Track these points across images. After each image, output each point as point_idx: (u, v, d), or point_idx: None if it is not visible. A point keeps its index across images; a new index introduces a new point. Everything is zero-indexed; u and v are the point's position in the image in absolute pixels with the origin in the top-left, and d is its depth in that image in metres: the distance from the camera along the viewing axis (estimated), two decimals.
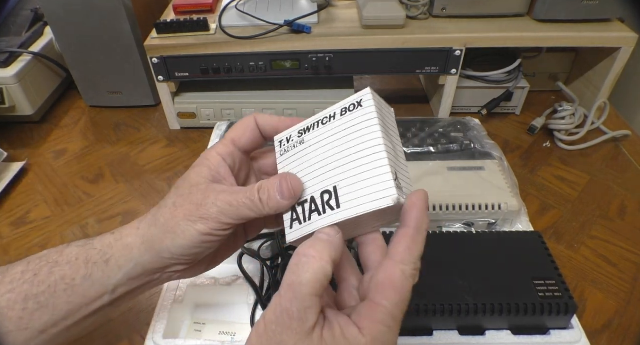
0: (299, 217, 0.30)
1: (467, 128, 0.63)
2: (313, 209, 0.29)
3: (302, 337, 0.24)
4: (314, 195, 0.29)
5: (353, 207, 0.27)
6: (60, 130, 0.76)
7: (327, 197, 0.28)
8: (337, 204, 0.28)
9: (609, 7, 0.66)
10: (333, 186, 0.28)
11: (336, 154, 0.29)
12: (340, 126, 0.30)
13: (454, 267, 0.43)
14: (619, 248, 0.55)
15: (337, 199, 0.28)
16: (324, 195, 0.28)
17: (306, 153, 0.31)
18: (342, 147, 0.29)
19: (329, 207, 0.28)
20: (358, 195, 0.27)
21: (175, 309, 0.45)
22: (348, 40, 0.65)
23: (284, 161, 0.32)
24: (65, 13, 0.68)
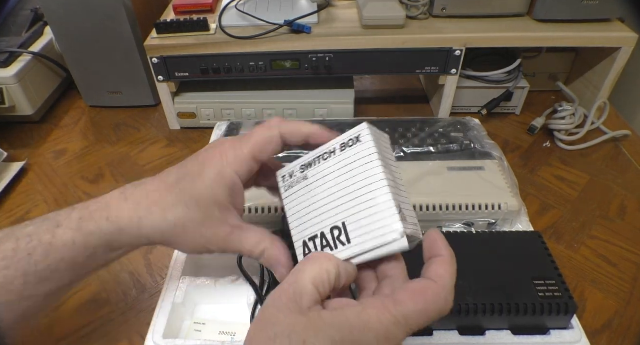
0: (311, 251, 0.31)
1: (467, 128, 0.63)
2: (325, 244, 0.30)
3: (296, 314, 0.25)
4: (324, 230, 0.30)
5: (363, 242, 0.28)
6: (60, 130, 0.77)
7: (337, 233, 0.29)
8: (347, 239, 0.29)
9: (609, 7, 0.66)
10: (342, 222, 0.29)
11: (341, 190, 0.30)
12: (342, 162, 0.31)
13: None
14: (619, 248, 0.55)
15: (347, 235, 0.29)
16: (333, 231, 0.30)
17: (311, 189, 0.32)
18: (346, 183, 0.30)
19: (340, 243, 0.29)
20: (367, 231, 0.28)
21: (175, 309, 0.45)
22: (348, 40, 0.65)
23: (289, 197, 0.33)
24: (65, 13, 0.68)
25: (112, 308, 0.49)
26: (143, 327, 0.46)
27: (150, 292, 0.51)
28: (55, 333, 0.47)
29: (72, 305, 0.49)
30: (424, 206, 0.50)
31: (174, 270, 0.48)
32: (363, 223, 0.29)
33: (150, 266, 0.53)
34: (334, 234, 0.30)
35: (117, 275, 0.52)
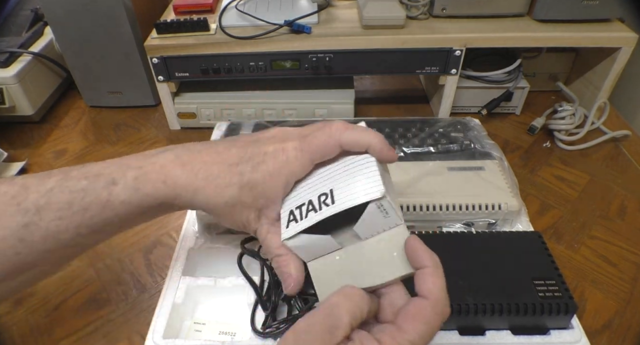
0: (295, 217, 0.32)
1: (467, 128, 0.63)
2: (310, 209, 0.31)
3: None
4: (312, 198, 0.32)
5: (346, 201, 0.30)
6: (60, 130, 0.76)
7: (324, 198, 0.31)
8: (332, 201, 0.31)
9: (609, 7, 0.66)
10: (329, 189, 0.31)
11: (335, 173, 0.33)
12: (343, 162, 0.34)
13: (454, 267, 0.43)
14: (619, 248, 0.55)
15: (333, 197, 0.31)
16: (320, 197, 0.31)
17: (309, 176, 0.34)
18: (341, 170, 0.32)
19: (325, 205, 0.31)
20: (350, 192, 0.30)
21: (175, 309, 0.45)
22: (348, 40, 0.65)
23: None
24: (65, 13, 0.68)
25: (112, 308, 0.49)
26: (143, 327, 0.46)
27: (150, 292, 0.51)
28: (55, 333, 0.47)
29: (72, 305, 0.49)
30: (424, 206, 0.50)
31: (174, 270, 0.48)
32: (349, 187, 0.31)
33: (150, 266, 0.53)
34: (321, 199, 0.31)
35: (117, 275, 0.52)
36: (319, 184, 0.33)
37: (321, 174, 0.33)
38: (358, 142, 0.32)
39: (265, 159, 0.33)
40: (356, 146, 0.32)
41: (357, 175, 0.31)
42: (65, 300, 0.50)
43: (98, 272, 0.53)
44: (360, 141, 0.32)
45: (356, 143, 0.32)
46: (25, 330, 0.47)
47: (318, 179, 0.33)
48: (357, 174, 0.31)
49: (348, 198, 0.30)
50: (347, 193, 0.30)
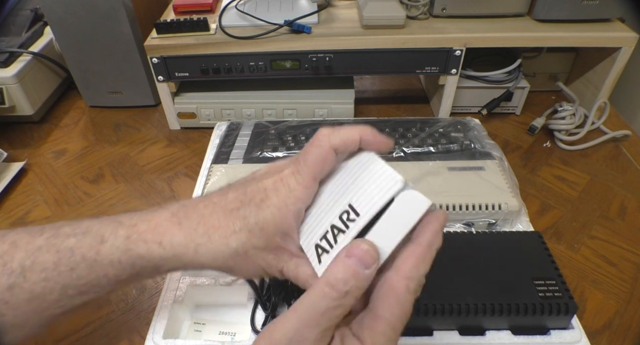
0: (324, 249, 0.30)
1: (467, 128, 0.63)
2: (337, 233, 0.29)
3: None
4: (333, 222, 0.30)
5: (371, 207, 0.28)
6: (60, 130, 0.77)
7: (346, 216, 0.29)
8: (356, 214, 0.28)
9: (609, 7, 0.66)
10: (347, 204, 0.29)
11: (344, 185, 0.30)
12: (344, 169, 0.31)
13: (454, 267, 0.43)
14: (619, 248, 0.55)
15: (355, 211, 0.29)
16: (342, 216, 0.29)
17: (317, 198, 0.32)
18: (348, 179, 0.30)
19: (351, 221, 0.28)
20: (371, 196, 0.28)
21: (175, 309, 0.45)
22: (348, 40, 0.65)
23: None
24: (65, 13, 0.68)
25: (112, 308, 0.49)
26: (143, 327, 0.46)
27: (150, 292, 0.51)
28: (55, 333, 0.47)
29: None
30: None
31: None
32: (365, 194, 0.28)
33: None
34: (343, 218, 0.29)
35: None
36: (334, 204, 0.30)
37: (330, 192, 0.31)
38: (349, 139, 0.30)
39: (268, 195, 0.31)
40: (349, 143, 0.30)
41: (368, 177, 0.29)
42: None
43: None
44: (350, 137, 0.30)
45: (348, 140, 0.30)
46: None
47: (329, 198, 0.31)
48: (366, 175, 0.29)
49: (371, 203, 0.28)
50: (368, 199, 0.28)
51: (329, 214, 0.30)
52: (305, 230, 0.32)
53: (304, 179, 0.30)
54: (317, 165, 0.30)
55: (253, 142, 0.61)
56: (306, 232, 0.32)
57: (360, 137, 0.30)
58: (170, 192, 0.64)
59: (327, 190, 0.32)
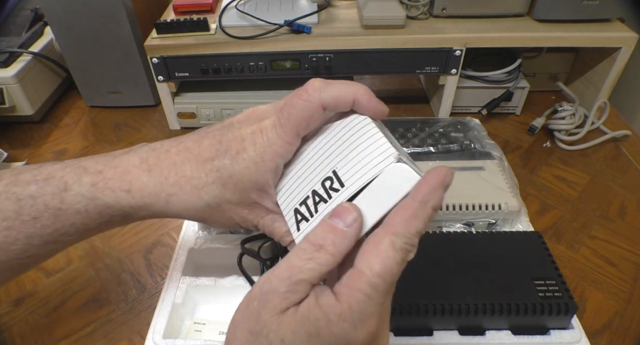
0: (304, 215, 0.28)
1: (467, 128, 0.63)
2: (318, 201, 0.27)
3: (278, 311, 0.23)
4: (315, 188, 0.28)
5: (357, 179, 0.26)
6: (60, 130, 0.76)
7: (329, 183, 0.27)
8: (340, 184, 0.26)
9: (609, 7, 0.66)
10: (332, 171, 0.27)
11: (330, 147, 0.28)
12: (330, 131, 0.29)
13: (454, 267, 0.43)
14: (619, 248, 0.55)
15: (340, 180, 0.26)
16: (325, 183, 0.27)
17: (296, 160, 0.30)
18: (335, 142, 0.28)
19: (333, 191, 0.27)
20: (358, 168, 0.26)
21: (175, 309, 0.45)
22: (348, 40, 0.65)
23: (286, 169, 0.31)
24: (65, 13, 0.68)
25: (112, 308, 0.49)
26: (143, 327, 0.46)
27: (150, 292, 0.51)
28: (55, 333, 0.47)
29: (72, 305, 0.49)
30: None
31: (174, 270, 0.48)
32: (354, 163, 0.26)
33: (150, 266, 0.53)
34: (326, 185, 0.27)
35: (117, 275, 0.52)
36: (317, 166, 0.28)
37: (315, 152, 0.29)
38: (341, 97, 0.27)
39: (245, 146, 0.28)
40: (341, 102, 0.27)
41: (357, 144, 0.27)
42: (65, 301, 0.50)
43: (98, 272, 0.53)
44: (343, 96, 0.27)
45: (340, 99, 0.27)
46: (25, 330, 0.47)
47: (313, 158, 0.29)
48: (356, 142, 0.27)
49: (358, 175, 0.26)
50: (355, 169, 0.26)
51: (310, 177, 0.28)
52: (284, 188, 0.30)
53: (286, 133, 0.28)
54: (302, 120, 0.28)
55: None
56: (284, 191, 0.30)
57: (354, 98, 0.27)
58: None
59: (310, 148, 0.29)
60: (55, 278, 0.52)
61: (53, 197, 0.29)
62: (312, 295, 0.24)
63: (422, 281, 0.41)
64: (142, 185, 0.29)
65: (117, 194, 0.29)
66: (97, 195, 0.29)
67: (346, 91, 0.27)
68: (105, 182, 0.30)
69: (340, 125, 0.28)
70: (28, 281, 0.52)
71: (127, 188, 0.29)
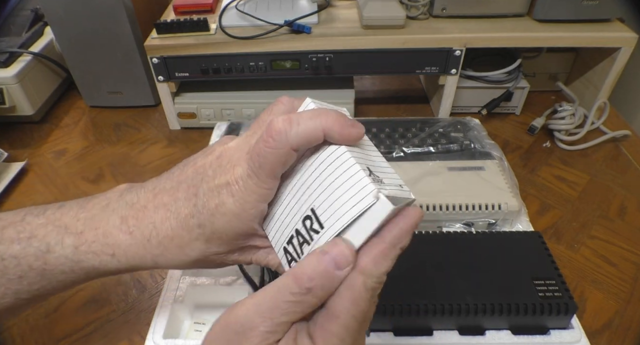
0: (293, 256, 0.28)
1: (467, 128, 0.63)
2: (301, 241, 0.27)
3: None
4: (297, 227, 0.27)
5: (335, 221, 0.25)
6: (60, 130, 0.76)
7: (309, 223, 0.26)
8: (319, 225, 0.25)
9: (609, 7, 0.66)
10: (310, 209, 0.26)
11: (307, 183, 0.27)
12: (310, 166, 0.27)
13: (454, 267, 0.43)
14: (619, 248, 0.55)
15: (318, 220, 0.26)
16: (305, 222, 0.26)
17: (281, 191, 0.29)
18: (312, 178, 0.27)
19: (314, 232, 0.26)
20: (336, 208, 0.25)
21: (175, 309, 0.45)
22: (348, 40, 0.65)
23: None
24: (65, 13, 0.68)
25: (112, 308, 0.49)
26: (143, 327, 0.46)
27: (150, 292, 0.51)
28: (55, 333, 0.47)
29: (72, 305, 0.49)
30: (424, 206, 0.50)
31: (174, 271, 0.48)
32: (330, 201, 0.25)
33: None
34: (306, 225, 0.26)
35: (117, 276, 0.52)
36: (297, 203, 0.27)
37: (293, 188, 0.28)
38: (311, 135, 0.25)
39: (223, 199, 0.27)
40: (311, 139, 0.26)
41: (333, 180, 0.25)
42: (65, 301, 0.50)
43: None
44: (312, 133, 0.25)
45: (309, 137, 0.26)
46: (25, 330, 0.47)
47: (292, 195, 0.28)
48: (332, 177, 0.25)
49: (335, 216, 0.25)
50: (332, 209, 0.25)
51: (292, 213, 0.28)
52: (271, 224, 0.29)
53: (262, 181, 0.27)
54: (274, 167, 0.26)
55: None
56: (272, 227, 0.29)
57: (324, 132, 0.26)
58: None
59: (290, 185, 0.28)
60: None
61: (36, 258, 0.29)
62: (290, 336, 0.24)
63: (422, 281, 0.42)
64: (126, 249, 0.29)
65: (102, 258, 0.29)
66: (82, 258, 0.29)
67: (314, 127, 0.25)
68: (88, 245, 0.29)
69: (316, 160, 0.27)
70: None
71: (110, 252, 0.29)
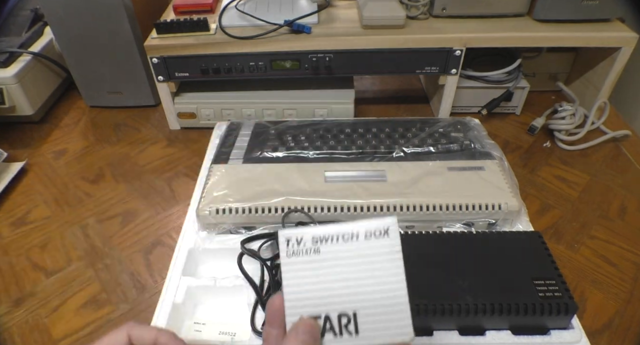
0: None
1: (467, 128, 0.63)
2: (328, 328, 0.29)
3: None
4: (330, 314, 0.29)
5: (372, 337, 0.28)
6: (60, 130, 0.77)
7: (345, 321, 0.29)
8: (356, 330, 0.29)
9: (609, 7, 0.66)
10: (353, 311, 0.29)
11: (356, 278, 0.29)
12: (363, 249, 0.30)
13: (454, 267, 0.43)
14: (619, 248, 0.55)
15: (357, 325, 0.29)
16: (341, 318, 0.29)
17: (322, 266, 0.30)
18: (363, 273, 0.29)
19: (347, 332, 0.29)
20: (378, 327, 0.28)
21: (175, 309, 0.45)
22: (348, 40, 0.65)
23: (292, 265, 0.31)
24: (65, 13, 0.68)
25: (112, 308, 0.49)
26: None
27: (150, 292, 0.51)
28: (55, 333, 0.47)
29: (72, 305, 0.49)
30: (424, 206, 0.50)
31: (174, 270, 0.48)
32: (375, 318, 0.29)
33: (150, 266, 0.53)
34: (342, 321, 0.29)
35: (117, 275, 0.52)
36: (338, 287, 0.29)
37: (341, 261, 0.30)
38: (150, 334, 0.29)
39: None
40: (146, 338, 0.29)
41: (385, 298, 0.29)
42: (65, 301, 0.50)
43: (98, 272, 0.53)
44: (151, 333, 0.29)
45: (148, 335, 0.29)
46: (25, 330, 0.47)
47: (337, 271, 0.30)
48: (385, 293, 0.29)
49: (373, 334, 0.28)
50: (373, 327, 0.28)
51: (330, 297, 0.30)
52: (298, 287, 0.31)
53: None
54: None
55: (253, 142, 0.61)
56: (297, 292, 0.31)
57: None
58: (170, 192, 0.64)
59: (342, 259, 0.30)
60: (55, 278, 0.52)
61: None
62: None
63: (422, 281, 0.42)
64: None
65: None
66: None
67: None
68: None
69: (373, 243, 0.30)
70: (28, 281, 0.52)
71: None
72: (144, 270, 0.53)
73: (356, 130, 0.62)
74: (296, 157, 0.58)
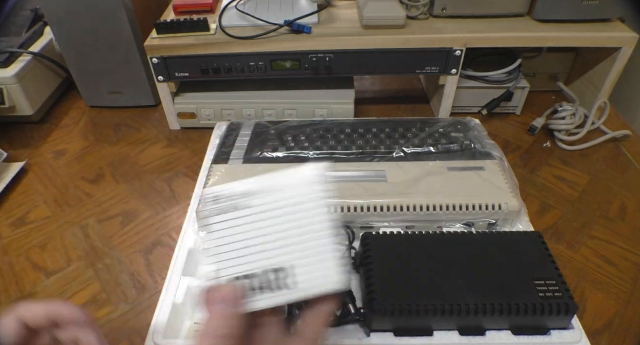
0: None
1: (467, 128, 0.63)
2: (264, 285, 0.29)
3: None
4: (266, 269, 0.29)
5: (308, 288, 0.29)
6: (60, 130, 0.76)
7: (283, 275, 0.29)
8: (294, 283, 0.29)
9: (609, 7, 0.66)
10: (290, 264, 0.29)
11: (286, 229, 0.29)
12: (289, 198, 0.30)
13: (454, 267, 0.43)
14: (619, 248, 0.55)
15: (295, 279, 0.29)
16: (278, 273, 0.29)
17: (253, 220, 0.30)
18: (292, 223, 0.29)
19: (285, 286, 0.29)
20: (309, 277, 0.29)
21: (175, 309, 0.45)
22: (348, 40, 0.65)
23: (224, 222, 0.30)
24: (65, 13, 0.68)
25: (112, 308, 0.49)
26: (143, 327, 0.46)
27: (150, 292, 0.51)
28: None
29: None
30: (424, 206, 0.50)
31: (174, 270, 0.48)
32: (307, 269, 0.29)
33: (150, 266, 0.53)
34: (279, 275, 0.29)
35: (117, 275, 0.52)
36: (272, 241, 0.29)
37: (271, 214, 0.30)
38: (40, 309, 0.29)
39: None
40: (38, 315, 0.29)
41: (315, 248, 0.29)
42: (65, 301, 0.50)
43: (98, 272, 0.53)
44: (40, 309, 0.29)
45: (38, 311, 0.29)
46: None
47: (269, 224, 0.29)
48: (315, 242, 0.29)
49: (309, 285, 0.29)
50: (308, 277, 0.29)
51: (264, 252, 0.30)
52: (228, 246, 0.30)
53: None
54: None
55: (253, 142, 0.61)
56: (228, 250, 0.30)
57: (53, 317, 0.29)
58: (170, 192, 0.64)
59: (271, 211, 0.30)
60: (55, 278, 0.52)
61: None
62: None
63: (422, 281, 0.42)
64: None
65: None
66: None
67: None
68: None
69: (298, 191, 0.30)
70: (28, 281, 0.52)
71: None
72: (144, 270, 0.53)
73: (356, 130, 0.62)
74: (296, 157, 0.58)
